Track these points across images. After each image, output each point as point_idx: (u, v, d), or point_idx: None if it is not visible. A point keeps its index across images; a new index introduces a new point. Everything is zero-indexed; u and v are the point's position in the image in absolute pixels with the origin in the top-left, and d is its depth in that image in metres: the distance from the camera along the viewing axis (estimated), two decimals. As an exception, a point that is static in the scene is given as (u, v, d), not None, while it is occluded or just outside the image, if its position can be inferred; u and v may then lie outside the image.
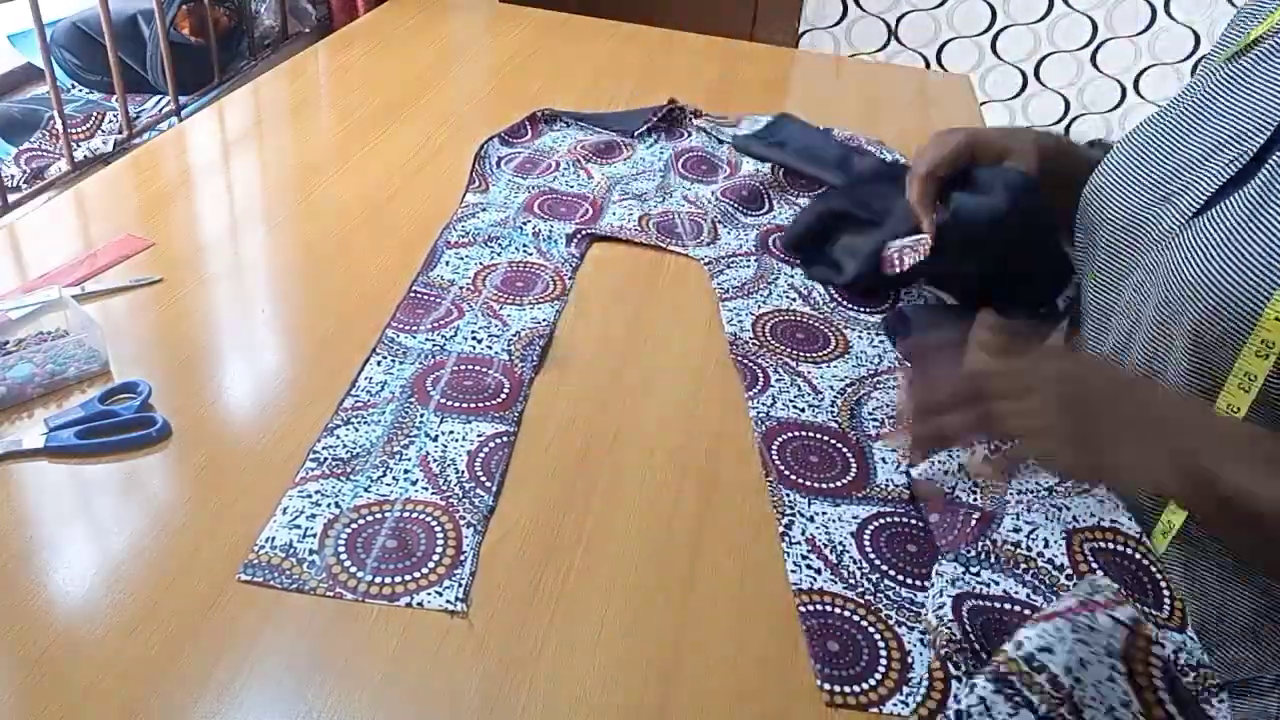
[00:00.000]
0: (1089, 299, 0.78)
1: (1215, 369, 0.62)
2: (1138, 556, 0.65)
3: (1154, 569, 0.64)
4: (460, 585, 0.64)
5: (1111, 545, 0.66)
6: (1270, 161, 0.61)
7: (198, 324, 0.87)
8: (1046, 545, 0.66)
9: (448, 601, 0.63)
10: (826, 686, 0.60)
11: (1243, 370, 0.59)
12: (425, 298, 0.93)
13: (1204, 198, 0.64)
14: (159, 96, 1.45)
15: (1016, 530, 0.67)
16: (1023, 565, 0.66)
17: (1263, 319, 0.57)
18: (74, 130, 1.29)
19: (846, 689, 0.60)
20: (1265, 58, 0.66)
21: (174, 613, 0.61)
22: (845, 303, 0.98)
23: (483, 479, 0.73)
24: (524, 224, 1.07)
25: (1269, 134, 0.61)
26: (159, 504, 0.69)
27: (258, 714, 0.56)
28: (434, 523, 0.69)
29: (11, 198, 1.15)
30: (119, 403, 0.76)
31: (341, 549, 0.66)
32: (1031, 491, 0.68)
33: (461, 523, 0.69)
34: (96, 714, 0.55)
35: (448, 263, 0.99)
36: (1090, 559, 0.65)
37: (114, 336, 0.83)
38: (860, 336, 0.93)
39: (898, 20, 2.69)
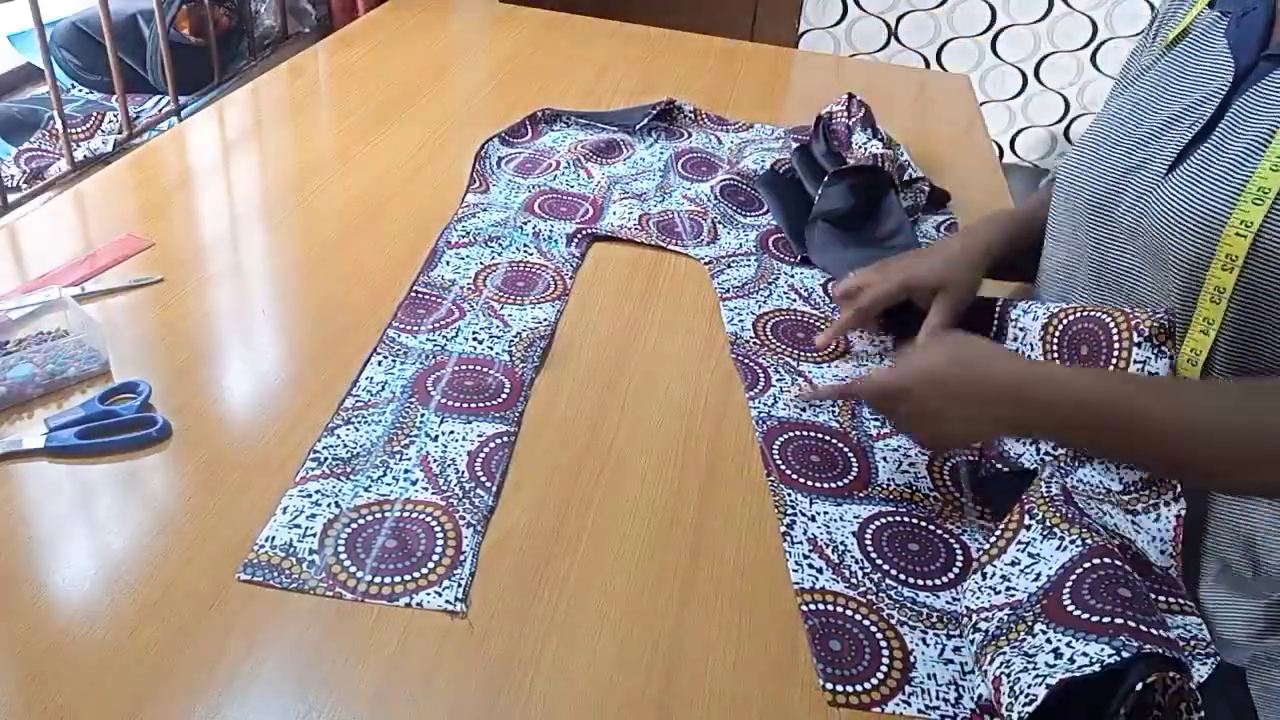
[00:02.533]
0: (1073, 269, 0.83)
1: (1196, 291, 0.70)
2: None
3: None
4: (460, 585, 0.64)
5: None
6: (1223, 121, 0.71)
7: (198, 324, 0.87)
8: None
9: (447, 601, 0.63)
10: (829, 686, 0.61)
11: (1212, 284, 0.68)
12: (426, 298, 0.93)
13: (1172, 158, 0.73)
14: (159, 96, 1.45)
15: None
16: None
17: (1224, 235, 0.66)
18: (74, 130, 1.29)
19: (849, 688, 0.60)
20: (1201, 41, 0.77)
21: (174, 613, 0.61)
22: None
23: (483, 479, 0.73)
24: (524, 224, 1.07)
25: (1219, 101, 0.71)
26: (159, 504, 0.69)
27: (258, 713, 0.56)
28: (434, 523, 0.69)
29: (11, 198, 1.15)
30: (119, 403, 0.76)
31: (341, 549, 0.66)
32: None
33: (461, 523, 0.69)
34: (97, 713, 0.55)
35: (448, 263, 0.99)
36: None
37: (114, 336, 0.83)
38: (860, 336, 0.93)
39: (898, 20, 2.69)
